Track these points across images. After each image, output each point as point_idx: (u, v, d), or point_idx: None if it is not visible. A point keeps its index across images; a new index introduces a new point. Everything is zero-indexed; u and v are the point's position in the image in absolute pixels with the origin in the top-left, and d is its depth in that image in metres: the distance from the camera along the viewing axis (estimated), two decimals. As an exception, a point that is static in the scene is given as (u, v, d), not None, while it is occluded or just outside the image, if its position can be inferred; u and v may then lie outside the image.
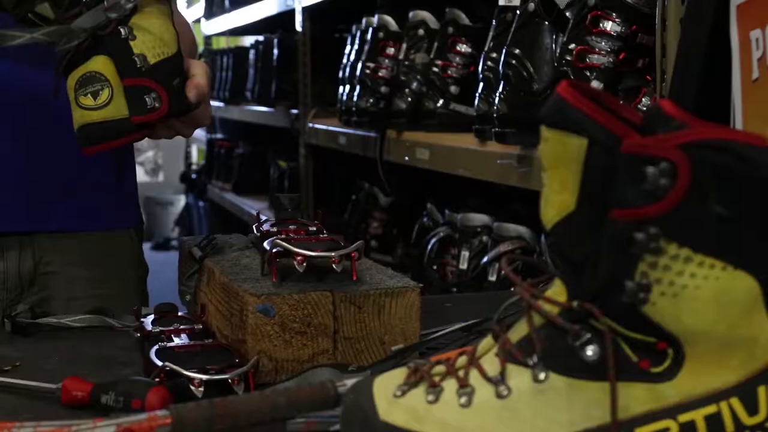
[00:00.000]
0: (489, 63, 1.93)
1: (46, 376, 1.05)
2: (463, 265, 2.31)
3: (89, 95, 1.12)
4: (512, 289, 0.70)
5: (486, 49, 1.97)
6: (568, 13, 1.72)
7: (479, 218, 2.30)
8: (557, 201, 0.70)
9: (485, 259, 2.19)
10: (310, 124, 3.38)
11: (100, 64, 1.13)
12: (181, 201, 7.69)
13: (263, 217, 1.29)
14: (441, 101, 2.30)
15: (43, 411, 0.97)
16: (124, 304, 1.39)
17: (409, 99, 2.40)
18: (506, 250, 2.13)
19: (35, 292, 1.43)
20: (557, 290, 0.72)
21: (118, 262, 1.51)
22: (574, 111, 0.68)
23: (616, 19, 1.60)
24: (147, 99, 1.15)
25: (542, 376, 0.70)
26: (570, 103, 0.68)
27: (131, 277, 1.53)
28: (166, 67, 1.16)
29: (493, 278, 2.15)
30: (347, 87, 2.76)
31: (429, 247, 2.46)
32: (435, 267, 2.45)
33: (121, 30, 1.15)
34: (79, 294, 1.44)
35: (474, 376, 0.72)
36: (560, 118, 0.68)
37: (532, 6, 1.76)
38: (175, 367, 0.97)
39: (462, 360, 0.74)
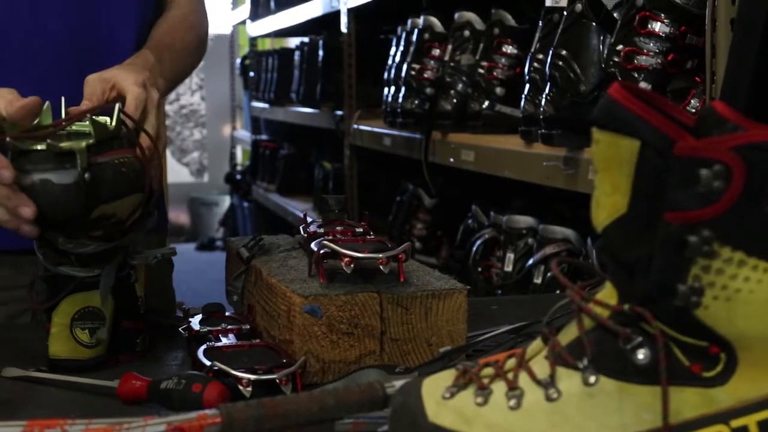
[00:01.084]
0: (535, 64, 1.92)
1: (98, 373, 1.06)
2: (508, 268, 2.30)
3: (87, 331, 1.12)
4: (558, 291, 0.69)
5: (532, 50, 1.96)
6: (615, 14, 1.71)
7: (524, 220, 2.29)
8: (608, 203, 0.69)
9: (530, 261, 2.19)
10: (355, 126, 3.38)
11: (107, 303, 1.13)
12: (226, 202, 7.74)
13: (310, 219, 1.29)
14: (486, 103, 2.30)
15: (97, 407, 0.98)
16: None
17: (455, 100, 2.40)
18: (552, 253, 2.12)
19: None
20: (608, 293, 0.71)
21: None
22: (627, 113, 0.67)
23: (665, 20, 1.58)
24: (138, 341, 1.18)
25: (592, 379, 0.70)
26: (622, 104, 0.68)
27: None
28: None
29: (538, 281, 2.14)
30: (392, 88, 2.76)
31: (474, 249, 2.46)
32: (480, 269, 2.44)
33: (131, 273, 1.18)
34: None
35: (523, 379, 0.72)
36: (612, 120, 0.68)
37: (579, 7, 1.75)
38: (223, 366, 0.97)
39: (511, 362, 0.74)
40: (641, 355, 0.69)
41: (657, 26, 1.59)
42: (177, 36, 1.49)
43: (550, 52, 1.78)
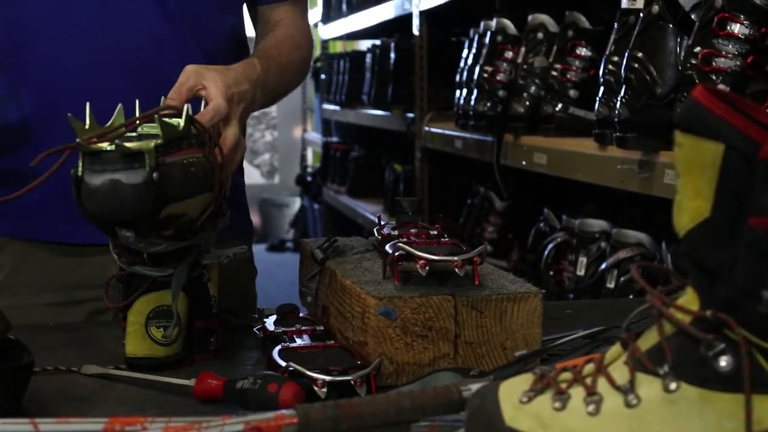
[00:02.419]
0: (610, 66, 1.90)
1: (174, 372, 1.08)
2: (581, 272, 2.28)
3: (161, 329, 1.14)
4: (631, 296, 0.68)
5: (607, 52, 1.94)
6: (693, 16, 1.69)
7: (597, 224, 2.27)
8: (691, 207, 0.68)
9: (603, 265, 2.16)
10: (426, 128, 3.38)
11: (179, 302, 1.14)
12: (297, 203, 7.79)
13: (384, 221, 1.29)
14: (560, 105, 2.28)
15: (174, 406, 0.99)
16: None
17: (527, 103, 2.39)
18: (625, 257, 2.10)
19: None
20: (689, 298, 0.70)
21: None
22: (710, 116, 0.66)
23: (744, 21, 1.56)
24: (212, 340, 1.19)
25: (673, 386, 0.69)
26: (706, 107, 0.67)
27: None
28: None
29: (611, 285, 2.12)
30: (464, 91, 2.75)
31: (545, 252, 2.44)
32: (551, 273, 2.43)
33: (204, 273, 1.19)
34: None
35: (602, 384, 0.71)
36: (696, 123, 0.67)
37: (656, 9, 1.73)
38: (298, 367, 0.98)
39: (589, 367, 0.73)
40: (723, 362, 0.68)
41: (736, 28, 1.56)
42: (283, 52, 1.50)
43: (626, 54, 1.76)
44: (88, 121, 1.10)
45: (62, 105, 1.22)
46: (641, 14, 1.78)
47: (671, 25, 1.71)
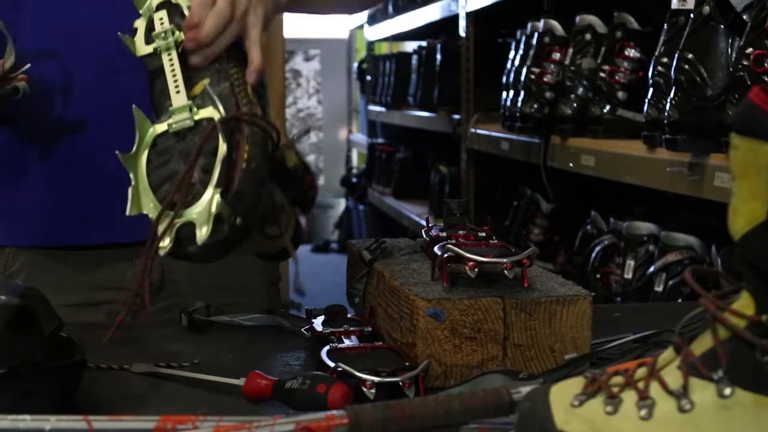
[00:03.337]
0: (660, 68, 1.89)
1: (223, 372, 1.08)
2: (628, 275, 2.27)
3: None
4: (680, 300, 0.68)
5: (657, 53, 1.92)
6: (745, 16, 1.67)
7: (645, 227, 2.26)
8: (747, 210, 0.67)
9: (651, 268, 2.15)
10: (473, 130, 3.38)
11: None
12: (341, 204, 7.81)
13: (431, 223, 1.29)
14: (608, 107, 2.27)
15: (223, 404, 1.00)
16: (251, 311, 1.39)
17: (575, 105, 2.38)
18: (674, 261, 2.08)
19: (163, 299, 1.43)
20: (744, 303, 0.69)
21: (247, 271, 1.49)
22: (767, 118, 0.66)
23: (798, 23, 1.54)
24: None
25: (728, 391, 0.68)
26: (762, 109, 0.66)
27: (261, 285, 1.52)
28: None
29: (659, 288, 2.10)
30: (511, 92, 2.75)
31: (592, 255, 2.43)
32: (598, 276, 2.41)
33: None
34: (219, 303, 1.43)
35: (655, 389, 0.71)
36: (752, 125, 0.66)
37: (707, 9, 1.71)
38: (347, 368, 0.98)
39: (641, 371, 0.73)
40: (779, 367, 0.67)
41: (789, 29, 1.54)
42: None
43: (676, 55, 1.75)
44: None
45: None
46: (691, 15, 1.77)
47: (722, 26, 1.70)
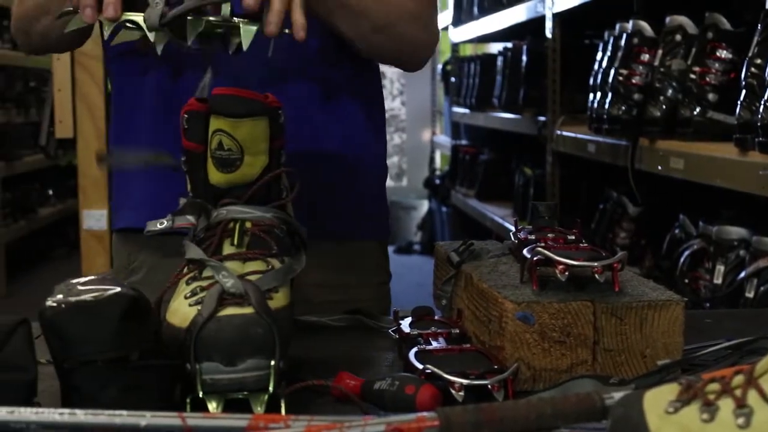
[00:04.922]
0: (753, 69, 1.86)
1: (312, 371, 1.09)
2: (718, 280, 2.23)
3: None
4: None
5: (750, 54, 1.89)
6: (843, 17, 1.63)
7: (736, 231, 2.22)
8: None
9: (742, 274, 2.11)
10: (558, 132, 3.35)
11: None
12: (424, 206, 7.81)
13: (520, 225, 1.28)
14: (698, 109, 2.23)
15: (314, 405, 1.00)
16: (367, 307, 1.39)
17: (664, 106, 2.34)
18: (766, 266, 2.04)
19: None
20: None
21: (363, 270, 1.50)
22: None
23: None
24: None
25: (829, 400, 0.66)
26: None
27: (374, 285, 1.53)
28: None
29: (750, 294, 2.06)
30: (598, 94, 2.72)
31: (681, 259, 2.39)
32: (687, 281, 2.38)
33: None
34: (321, 299, 1.44)
35: (752, 397, 0.69)
36: None
37: (803, 10, 1.68)
38: (436, 370, 0.98)
39: (738, 379, 0.71)
40: None
41: None
42: None
43: (771, 56, 1.72)
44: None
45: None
46: (787, 15, 1.73)
47: (819, 27, 1.66)
